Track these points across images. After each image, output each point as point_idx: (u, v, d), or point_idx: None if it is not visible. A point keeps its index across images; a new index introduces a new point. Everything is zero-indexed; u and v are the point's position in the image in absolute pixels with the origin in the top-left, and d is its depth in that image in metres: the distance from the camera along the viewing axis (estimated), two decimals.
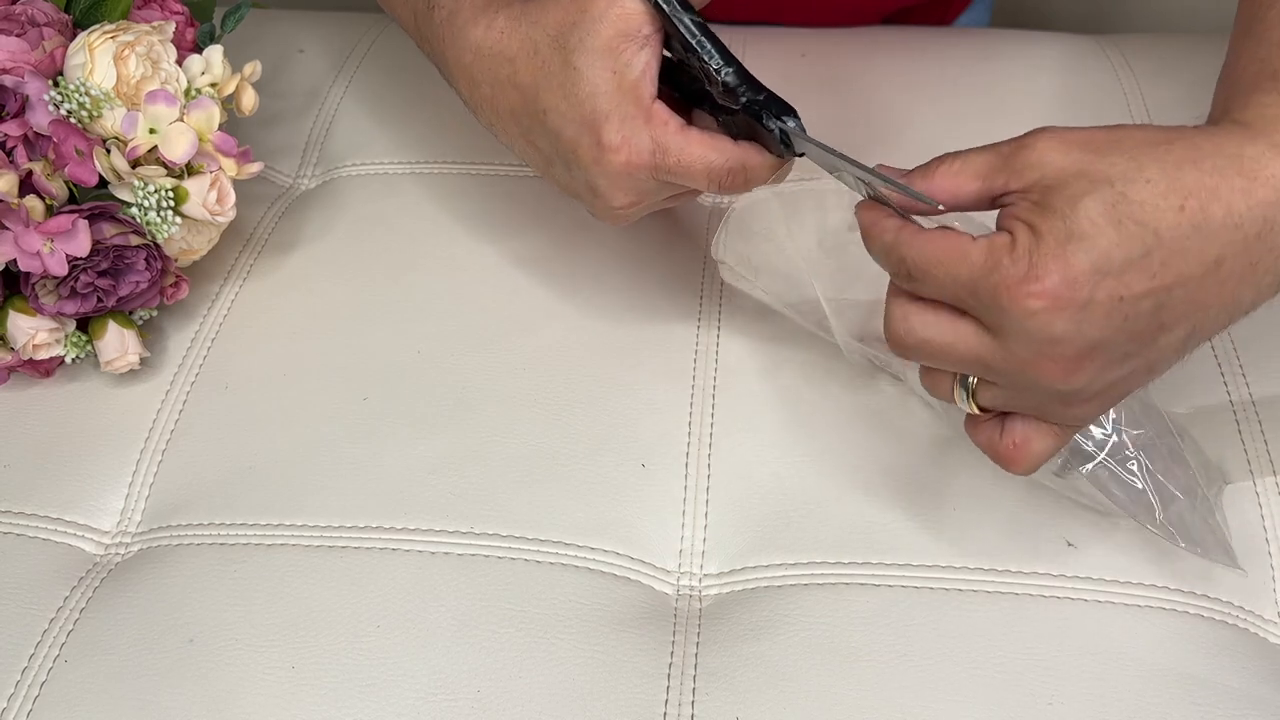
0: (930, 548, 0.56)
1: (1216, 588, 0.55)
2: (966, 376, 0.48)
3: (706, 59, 0.52)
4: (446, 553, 0.56)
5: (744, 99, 0.52)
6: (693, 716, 0.51)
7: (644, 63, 0.52)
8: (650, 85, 0.53)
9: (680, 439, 0.60)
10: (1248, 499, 0.58)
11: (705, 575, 0.57)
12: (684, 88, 0.56)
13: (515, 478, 0.59)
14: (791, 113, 0.52)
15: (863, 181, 0.49)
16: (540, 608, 0.54)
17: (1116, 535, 0.56)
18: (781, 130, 0.52)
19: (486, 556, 0.56)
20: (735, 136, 0.54)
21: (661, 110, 0.53)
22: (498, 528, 0.57)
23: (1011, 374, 0.45)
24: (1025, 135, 0.45)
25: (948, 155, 0.47)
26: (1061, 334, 0.43)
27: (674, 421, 0.61)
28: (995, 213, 0.46)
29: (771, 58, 0.81)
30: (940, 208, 0.46)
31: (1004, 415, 0.49)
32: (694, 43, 0.52)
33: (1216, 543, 0.54)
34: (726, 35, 0.83)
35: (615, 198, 0.55)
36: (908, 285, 0.47)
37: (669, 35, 0.53)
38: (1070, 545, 0.56)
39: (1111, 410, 0.55)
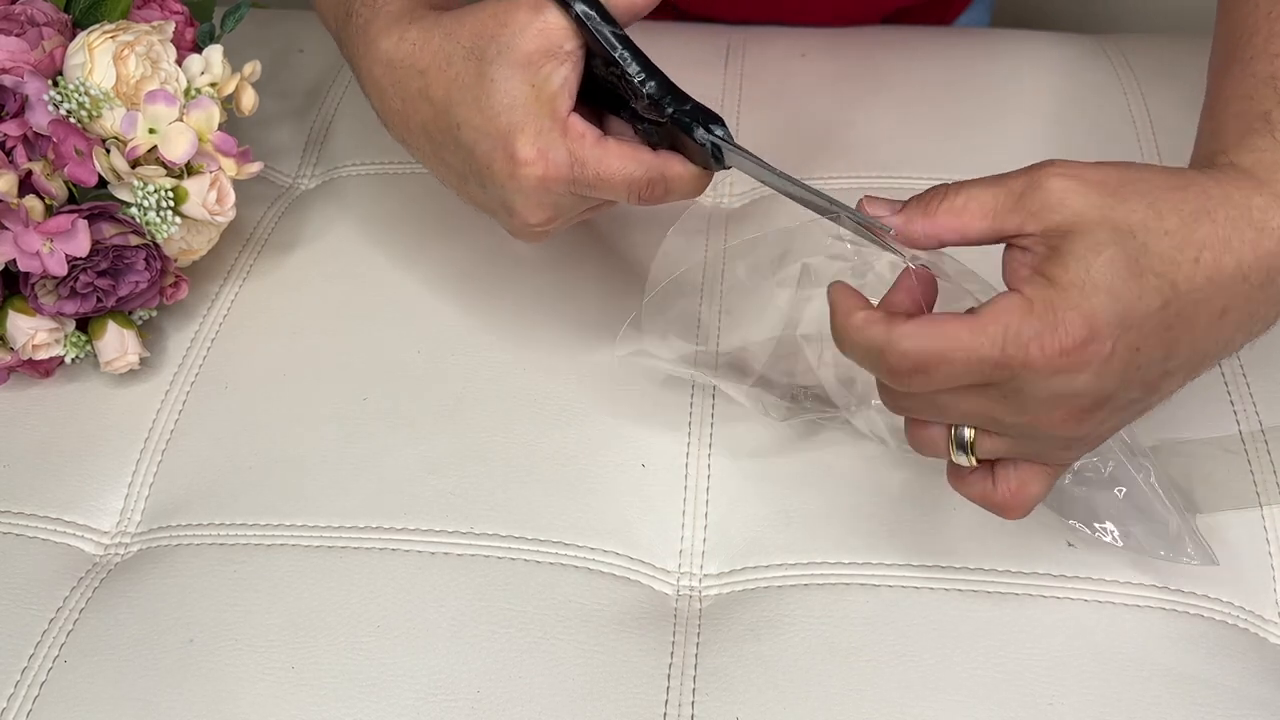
0: (930, 548, 0.56)
1: (1216, 588, 0.55)
2: (962, 434, 0.46)
3: (629, 71, 0.51)
4: (446, 553, 0.56)
5: (670, 110, 0.51)
6: (693, 717, 0.51)
7: (563, 77, 0.51)
8: (568, 99, 0.51)
9: (680, 439, 0.60)
10: (1248, 499, 0.58)
11: (705, 575, 0.57)
12: (604, 102, 0.54)
13: (515, 478, 0.59)
14: (719, 121, 0.50)
15: (830, 213, 0.48)
16: (540, 608, 0.54)
17: None
18: (713, 144, 0.50)
19: (486, 556, 0.56)
20: (654, 146, 0.52)
21: (578, 122, 0.51)
22: (498, 528, 0.57)
23: (1020, 425, 0.45)
24: (1035, 171, 0.44)
25: (947, 189, 0.45)
26: (1082, 389, 0.43)
27: (674, 421, 0.61)
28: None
29: (771, 58, 0.81)
30: (905, 257, 0.45)
31: (992, 464, 0.48)
32: (616, 55, 0.51)
33: (1194, 544, 0.54)
34: (726, 35, 0.84)
35: (531, 214, 0.53)
36: (912, 381, 0.43)
37: (591, 52, 0.51)
38: (1070, 545, 0.56)
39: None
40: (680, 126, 0.51)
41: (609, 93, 0.53)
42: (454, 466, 0.59)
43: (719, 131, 0.50)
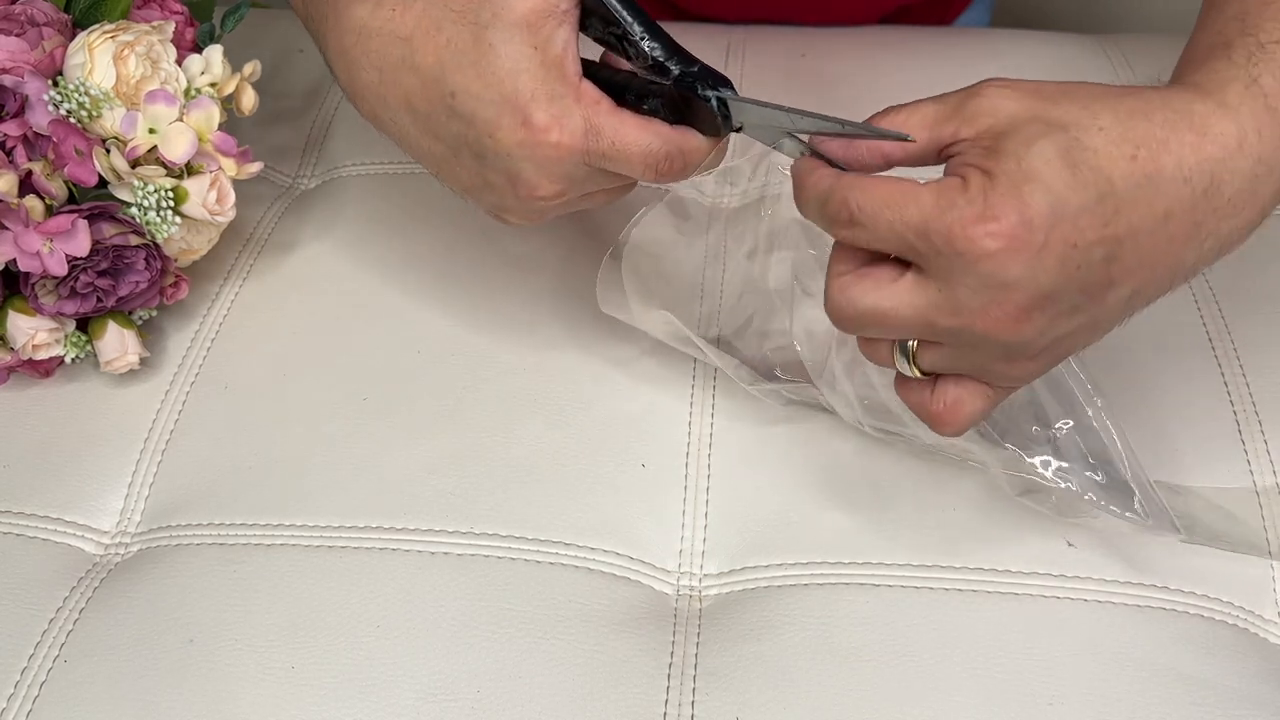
0: (930, 548, 0.56)
1: (1216, 588, 0.55)
2: (905, 343, 0.47)
3: (631, 31, 0.49)
4: (446, 553, 0.56)
5: (676, 72, 0.49)
6: (693, 716, 0.51)
7: (564, 38, 0.48)
8: (574, 62, 0.49)
9: (680, 439, 0.60)
10: (1248, 499, 0.58)
11: (705, 575, 0.57)
12: (599, 79, 0.51)
13: (515, 478, 0.59)
14: (726, 83, 0.49)
15: (796, 136, 0.47)
16: (540, 608, 0.54)
17: (1116, 536, 0.56)
18: (719, 100, 0.49)
19: (486, 556, 0.56)
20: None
21: (591, 89, 0.49)
22: (498, 528, 0.57)
23: (957, 329, 0.44)
24: (973, 85, 0.45)
25: (893, 107, 0.46)
26: (1014, 279, 0.42)
27: (674, 421, 0.61)
28: None
29: (771, 58, 0.81)
30: (910, 138, 0.45)
31: (935, 377, 0.48)
32: (619, 15, 0.49)
33: (1146, 500, 0.54)
34: (726, 35, 0.84)
35: (541, 185, 0.50)
36: (848, 232, 0.45)
37: (586, 12, 0.49)
38: (1070, 545, 0.56)
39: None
40: (685, 88, 0.49)
41: (604, 71, 0.51)
42: (454, 466, 0.59)
43: (726, 91, 0.49)
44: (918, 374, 0.47)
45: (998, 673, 0.51)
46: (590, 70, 0.50)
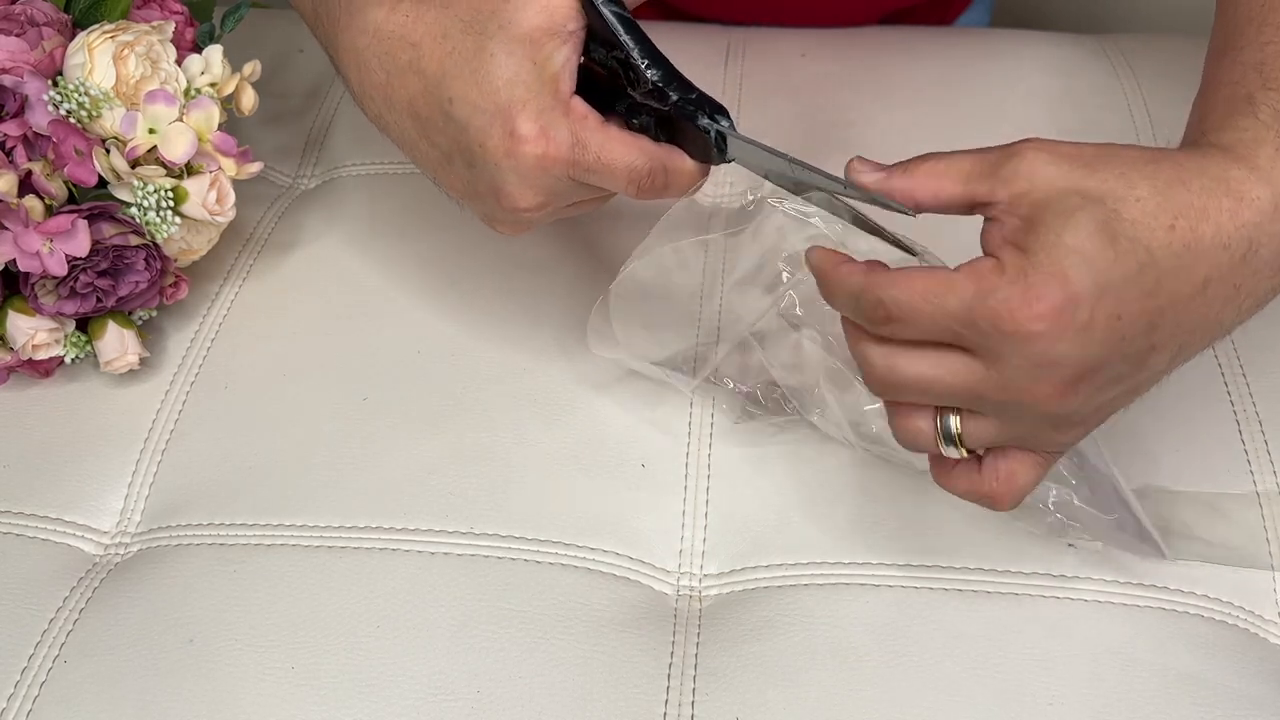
0: (930, 548, 0.56)
1: (1217, 588, 0.55)
2: (948, 423, 0.46)
3: (633, 56, 0.49)
4: (446, 553, 0.56)
5: (674, 98, 0.49)
6: (693, 717, 0.51)
7: (565, 57, 0.49)
8: (570, 80, 0.50)
9: (680, 439, 0.60)
10: (1248, 499, 0.58)
11: (705, 575, 0.57)
12: (595, 94, 0.51)
13: (515, 477, 0.59)
14: (724, 112, 0.49)
15: (804, 184, 0.47)
16: (540, 608, 0.54)
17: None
18: (718, 133, 0.49)
19: (486, 556, 0.56)
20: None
21: (580, 104, 0.50)
22: (498, 528, 0.57)
23: (1005, 403, 0.44)
24: (1012, 144, 0.44)
25: (931, 155, 0.46)
26: (1062, 355, 0.42)
27: (674, 421, 0.61)
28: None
29: (771, 58, 0.81)
30: (912, 213, 0.45)
31: (979, 457, 0.48)
32: (621, 39, 0.49)
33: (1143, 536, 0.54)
34: (726, 35, 0.84)
35: (523, 196, 0.51)
36: (886, 329, 0.44)
37: (591, 33, 0.50)
38: (1070, 545, 0.56)
39: None
40: (683, 115, 0.49)
41: (599, 88, 0.52)
42: (454, 466, 0.59)
43: (724, 122, 0.49)
44: (964, 454, 0.47)
45: (998, 673, 0.51)
46: (584, 82, 0.51)
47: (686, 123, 0.49)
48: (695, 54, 0.82)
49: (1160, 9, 1.12)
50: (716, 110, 0.49)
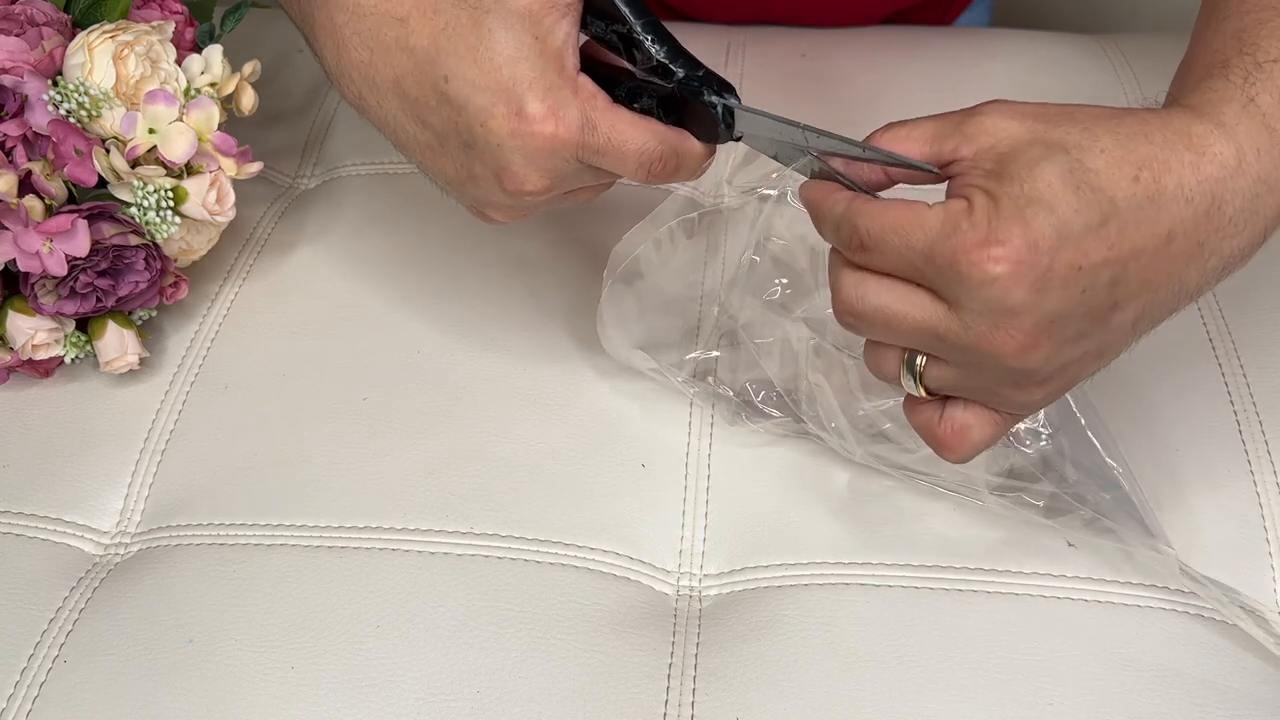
0: (930, 548, 0.56)
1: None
2: (914, 359, 0.46)
3: (636, 31, 0.48)
4: (446, 553, 0.56)
5: (680, 75, 0.48)
6: (693, 717, 0.51)
7: (565, 31, 0.47)
8: (574, 56, 0.48)
9: (680, 439, 0.60)
10: (1248, 499, 0.58)
11: (705, 575, 0.57)
12: (593, 77, 0.49)
13: (515, 477, 0.59)
14: (731, 90, 0.48)
15: (809, 153, 0.47)
16: (540, 608, 0.54)
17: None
18: (725, 107, 0.48)
19: (486, 557, 0.56)
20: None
21: (588, 83, 0.48)
22: (497, 528, 0.57)
23: (965, 349, 0.44)
24: (976, 105, 0.45)
25: (895, 122, 0.46)
26: (1020, 303, 0.42)
27: (674, 421, 0.61)
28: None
29: (771, 58, 0.81)
30: (934, 170, 0.45)
31: (945, 399, 0.47)
32: (623, 13, 0.48)
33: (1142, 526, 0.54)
34: (726, 35, 0.84)
35: (529, 179, 0.49)
36: (859, 257, 0.45)
37: (589, 8, 0.48)
38: (1070, 545, 0.56)
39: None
40: (689, 91, 0.48)
41: (595, 72, 0.50)
42: (454, 466, 0.59)
43: (731, 98, 0.48)
44: (922, 392, 0.47)
45: (998, 673, 0.51)
46: (584, 65, 0.50)
47: (692, 100, 0.48)
48: (695, 54, 0.82)
49: (1160, 9, 1.12)
50: (723, 87, 0.48)
